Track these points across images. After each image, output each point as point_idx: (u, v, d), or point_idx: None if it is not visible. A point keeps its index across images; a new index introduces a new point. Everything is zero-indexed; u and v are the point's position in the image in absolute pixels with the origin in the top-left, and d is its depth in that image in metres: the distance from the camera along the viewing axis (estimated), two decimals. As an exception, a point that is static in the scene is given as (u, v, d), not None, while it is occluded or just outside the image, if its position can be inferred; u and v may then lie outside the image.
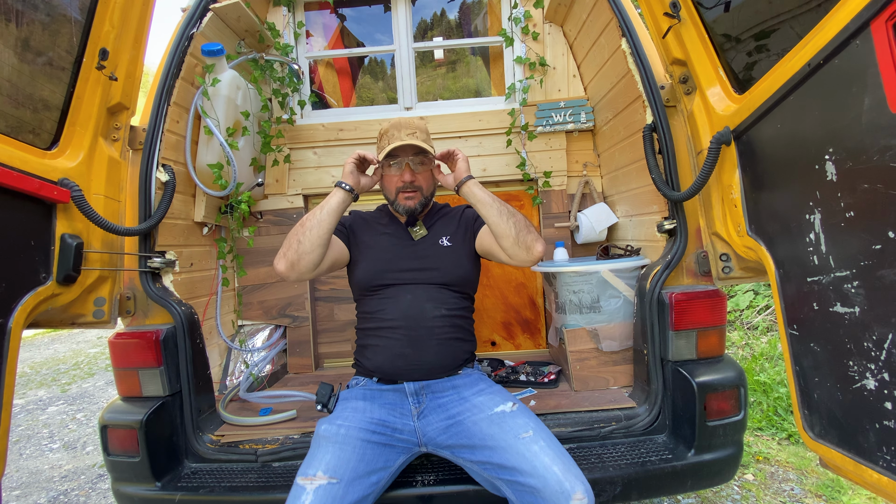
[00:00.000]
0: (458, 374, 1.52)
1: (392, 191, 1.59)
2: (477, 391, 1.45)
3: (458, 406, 1.40)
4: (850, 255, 0.97)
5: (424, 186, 1.61)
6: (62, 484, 2.85)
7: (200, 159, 2.08)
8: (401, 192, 1.58)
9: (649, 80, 1.68)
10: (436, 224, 1.68)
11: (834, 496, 2.20)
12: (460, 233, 1.66)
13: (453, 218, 1.71)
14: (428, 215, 1.71)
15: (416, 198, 1.58)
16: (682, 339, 1.54)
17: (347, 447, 1.25)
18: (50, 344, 7.37)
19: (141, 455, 1.47)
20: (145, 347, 1.54)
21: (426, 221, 1.68)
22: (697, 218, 1.63)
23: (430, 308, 1.51)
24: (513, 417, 1.30)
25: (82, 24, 1.43)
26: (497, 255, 1.53)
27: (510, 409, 1.34)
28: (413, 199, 1.58)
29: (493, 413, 1.33)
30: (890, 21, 0.81)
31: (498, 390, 1.46)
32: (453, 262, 1.59)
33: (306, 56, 2.70)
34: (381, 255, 1.59)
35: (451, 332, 1.52)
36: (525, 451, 1.19)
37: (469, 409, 1.37)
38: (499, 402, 1.37)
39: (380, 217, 1.72)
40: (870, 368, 0.95)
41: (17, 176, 1.20)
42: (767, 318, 4.12)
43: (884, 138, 0.85)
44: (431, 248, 1.61)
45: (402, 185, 1.56)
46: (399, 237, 1.63)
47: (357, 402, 1.42)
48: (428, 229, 1.66)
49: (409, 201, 1.58)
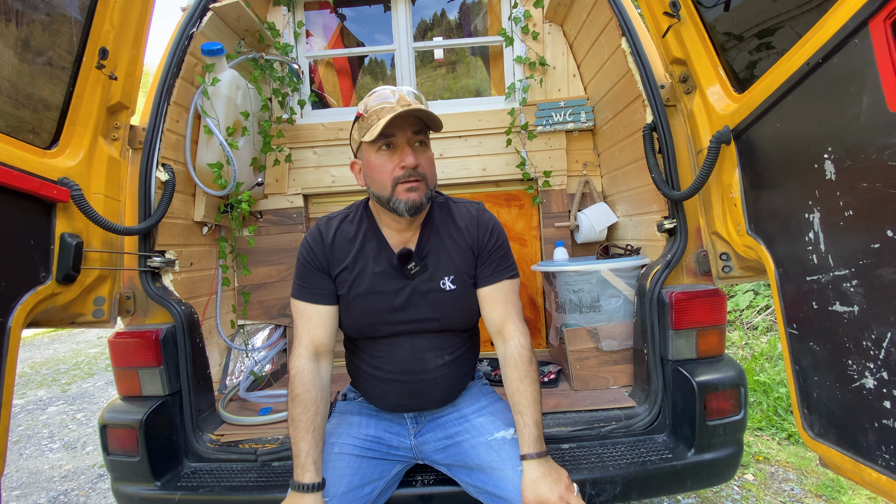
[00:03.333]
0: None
1: (386, 183, 1.18)
2: (478, 409, 1.36)
3: (457, 426, 1.33)
4: (849, 253, 0.97)
5: (429, 174, 1.23)
6: (62, 484, 2.85)
7: (200, 159, 2.08)
8: (401, 182, 1.17)
9: (649, 80, 1.68)
10: (436, 250, 1.29)
11: (834, 496, 2.20)
12: (465, 265, 1.29)
13: (460, 236, 1.30)
14: (426, 224, 1.31)
15: (420, 189, 1.19)
16: (682, 339, 1.53)
17: (340, 463, 1.23)
18: (50, 344, 7.37)
19: (141, 454, 1.47)
20: (145, 347, 1.54)
21: (422, 237, 1.29)
22: (697, 217, 1.63)
23: (432, 358, 1.29)
24: (512, 446, 1.23)
25: (82, 23, 1.43)
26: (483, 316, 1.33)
27: (511, 437, 1.26)
28: (418, 192, 1.18)
29: (492, 439, 1.26)
30: (888, 20, 0.81)
31: (499, 409, 1.36)
32: (458, 309, 1.30)
33: (306, 56, 2.70)
34: (373, 306, 1.26)
35: (454, 375, 1.34)
36: (520, 482, 1.16)
37: (468, 431, 1.30)
38: (500, 427, 1.29)
39: (362, 238, 1.30)
40: (869, 367, 0.95)
41: (16, 175, 1.20)
42: (767, 318, 4.12)
43: (882, 137, 0.85)
44: (431, 295, 1.27)
45: (403, 174, 1.17)
46: (391, 276, 1.27)
47: (353, 417, 1.37)
48: (425, 258, 1.28)
49: (413, 193, 1.17)
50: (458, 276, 1.28)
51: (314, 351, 1.25)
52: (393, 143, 1.18)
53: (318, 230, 1.31)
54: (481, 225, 1.31)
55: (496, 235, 1.31)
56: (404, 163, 1.17)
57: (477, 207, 1.35)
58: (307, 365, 1.22)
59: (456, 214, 1.33)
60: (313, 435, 1.17)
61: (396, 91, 1.19)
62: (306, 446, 1.15)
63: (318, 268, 1.28)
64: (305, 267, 1.28)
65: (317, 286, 1.27)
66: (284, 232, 2.57)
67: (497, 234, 1.31)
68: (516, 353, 1.23)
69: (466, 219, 1.32)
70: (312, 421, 1.17)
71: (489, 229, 1.30)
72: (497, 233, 1.31)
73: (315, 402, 1.19)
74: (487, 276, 1.29)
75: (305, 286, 1.28)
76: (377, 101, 1.19)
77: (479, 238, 1.30)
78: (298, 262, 1.30)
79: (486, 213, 1.35)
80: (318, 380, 1.22)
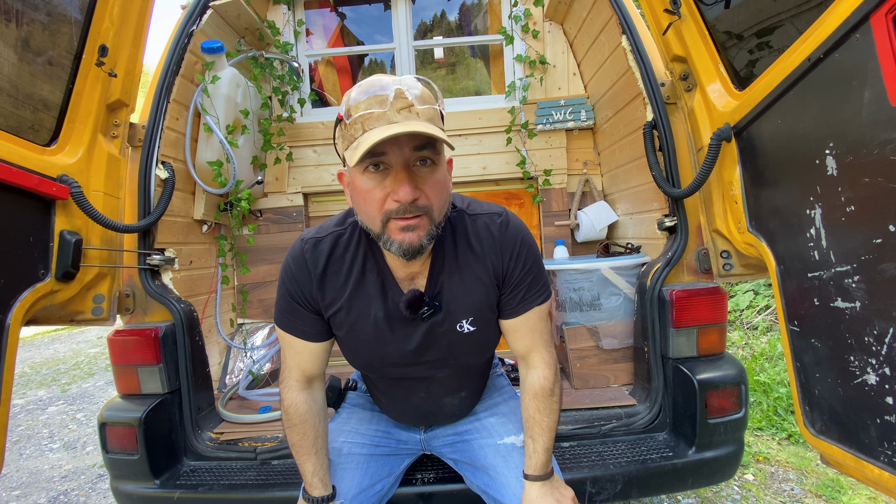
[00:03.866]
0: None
1: (375, 217, 0.89)
2: (490, 407, 1.33)
3: (467, 424, 1.31)
4: (850, 249, 0.96)
5: (436, 204, 0.90)
6: (62, 484, 2.85)
7: (200, 157, 2.08)
8: (393, 218, 0.88)
9: (650, 78, 1.68)
10: (451, 286, 1.05)
11: (834, 496, 2.19)
12: (486, 301, 1.07)
13: (479, 265, 1.05)
14: (437, 250, 1.04)
15: (421, 227, 0.89)
16: (683, 337, 1.53)
17: (350, 464, 1.22)
18: (50, 344, 7.37)
19: (140, 453, 1.47)
20: (144, 345, 1.54)
21: (434, 269, 1.05)
22: (698, 215, 1.62)
23: (450, 399, 1.22)
24: (520, 454, 1.20)
25: (82, 20, 1.43)
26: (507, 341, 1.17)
27: (520, 444, 1.22)
28: (416, 231, 0.89)
29: (500, 443, 1.23)
30: (890, 14, 0.80)
31: (511, 410, 1.30)
32: (477, 351, 1.14)
33: (306, 54, 2.70)
34: (379, 351, 1.09)
35: (473, 399, 1.30)
36: (521, 494, 1.16)
37: (478, 430, 1.28)
38: (510, 431, 1.24)
39: (361, 269, 1.04)
40: (870, 363, 0.95)
41: (16, 172, 1.20)
42: (767, 318, 4.11)
43: (884, 132, 0.84)
44: (445, 337, 1.07)
45: (396, 209, 0.87)
46: (399, 319, 1.06)
47: (364, 412, 1.36)
48: (438, 295, 1.05)
49: (409, 234, 0.88)
50: (477, 317, 1.07)
51: (306, 381, 1.14)
52: (384, 163, 0.86)
53: (303, 257, 1.04)
54: (505, 249, 1.04)
55: (524, 259, 1.05)
56: (397, 196, 0.85)
57: (499, 222, 1.05)
58: (300, 396, 1.13)
59: (472, 236, 1.05)
60: (316, 456, 1.13)
61: (392, 86, 0.85)
62: (311, 467, 1.12)
63: (306, 306, 1.06)
64: (290, 300, 1.06)
65: (305, 323, 1.07)
66: (284, 230, 2.56)
67: (524, 256, 1.05)
68: (538, 384, 1.13)
69: (486, 241, 1.04)
70: (313, 444, 1.13)
71: (515, 253, 1.04)
72: (525, 254, 1.05)
73: (314, 427, 1.13)
74: (513, 307, 1.08)
75: (292, 320, 1.08)
76: (366, 101, 0.85)
77: (504, 266, 1.04)
78: (280, 289, 1.07)
79: (511, 228, 1.05)
80: (314, 405, 1.15)
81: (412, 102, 0.85)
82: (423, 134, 0.82)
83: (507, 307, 1.09)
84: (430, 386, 1.18)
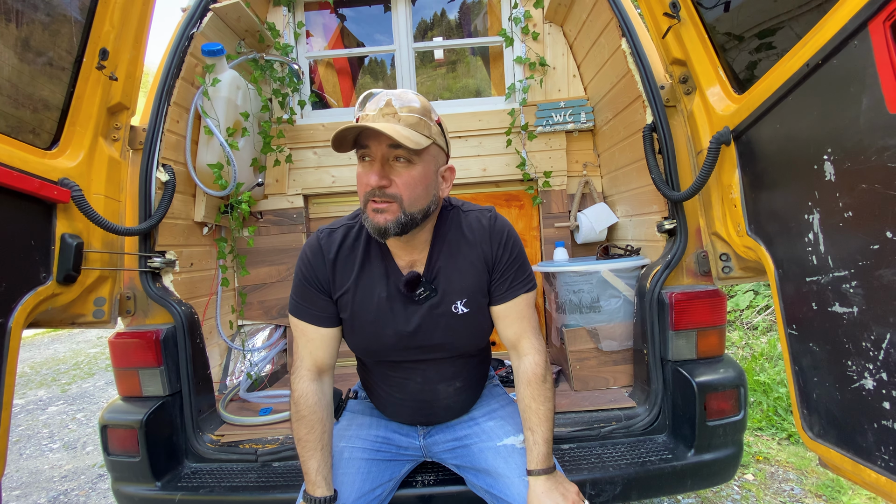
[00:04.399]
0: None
1: (361, 196, 1.09)
2: (488, 413, 1.35)
3: (466, 429, 1.33)
4: (848, 255, 0.97)
5: (405, 195, 1.05)
6: (62, 484, 2.86)
7: (200, 159, 2.08)
8: (370, 200, 1.06)
9: (649, 80, 1.68)
10: (447, 270, 1.18)
11: (834, 496, 2.20)
12: (478, 285, 1.20)
13: (472, 252, 1.19)
14: (436, 239, 1.19)
15: (390, 211, 1.04)
16: (682, 339, 1.54)
17: (351, 469, 1.23)
18: (50, 344, 7.37)
19: (141, 455, 1.47)
20: (145, 347, 1.54)
21: (432, 255, 1.18)
22: (697, 218, 1.63)
23: (444, 387, 1.27)
24: (520, 454, 1.22)
25: (82, 23, 1.43)
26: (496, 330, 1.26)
27: (519, 445, 1.25)
28: (385, 214, 1.05)
29: (500, 445, 1.26)
30: (888, 21, 0.81)
31: (509, 414, 1.34)
32: (471, 332, 1.22)
33: (306, 56, 2.70)
34: (380, 332, 1.19)
35: (467, 398, 1.34)
36: (525, 492, 1.17)
37: (477, 434, 1.31)
38: (509, 433, 1.28)
39: (365, 255, 1.19)
40: (868, 368, 0.95)
41: (17, 176, 1.20)
42: (767, 318, 4.12)
43: (882, 138, 0.85)
44: (442, 319, 1.18)
45: (370, 192, 1.05)
46: (398, 300, 1.18)
47: (364, 418, 1.38)
48: (434, 279, 1.18)
49: (379, 216, 1.05)
50: (470, 299, 1.19)
51: (317, 371, 1.21)
52: (369, 155, 1.05)
53: (318, 244, 1.20)
54: (493, 237, 1.19)
55: (510, 248, 1.20)
56: (368, 180, 1.04)
57: (489, 216, 1.21)
58: (311, 386, 1.18)
59: (465, 227, 1.20)
60: (322, 452, 1.15)
61: (384, 98, 1.06)
62: (316, 464, 1.14)
63: (319, 288, 1.18)
64: (305, 284, 1.19)
65: (317, 307, 1.19)
66: (284, 232, 2.57)
67: (511, 245, 1.20)
68: (530, 371, 1.19)
69: (477, 231, 1.19)
70: (320, 440, 1.16)
71: (502, 242, 1.19)
72: (511, 244, 1.20)
73: (321, 421, 1.17)
74: (502, 293, 1.20)
75: (306, 305, 1.19)
76: (367, 105, 1.08)
77: (493, 253, 1.19)
78: (297, 276, 1.21)
79: (499, 221, 1.22)
80: (323, 398, 1.20)
81: (396, 110, 1.04)
82: (382, 135, 1.00)
83: (496, 292, 1.20)
84: (426, 371, 1.25)
